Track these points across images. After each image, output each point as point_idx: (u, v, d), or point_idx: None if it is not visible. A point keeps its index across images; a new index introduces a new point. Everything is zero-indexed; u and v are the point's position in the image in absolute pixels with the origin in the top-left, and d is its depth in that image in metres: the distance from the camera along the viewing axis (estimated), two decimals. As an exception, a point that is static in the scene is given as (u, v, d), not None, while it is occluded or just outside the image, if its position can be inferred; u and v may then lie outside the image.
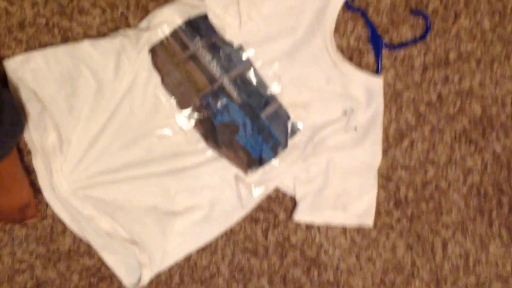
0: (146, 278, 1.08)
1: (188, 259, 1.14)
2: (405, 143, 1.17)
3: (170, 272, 1.14)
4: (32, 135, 1.05)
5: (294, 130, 1.13)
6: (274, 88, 1.12)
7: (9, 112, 0.93)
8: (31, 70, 1.05)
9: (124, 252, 1.08)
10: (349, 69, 1.13)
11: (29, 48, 1.09)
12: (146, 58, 1.08)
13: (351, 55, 1.15)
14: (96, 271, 1.13)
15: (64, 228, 1.11)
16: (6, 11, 1.08)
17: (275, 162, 1.12)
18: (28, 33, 1.09)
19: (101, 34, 1.09)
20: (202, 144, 1.11)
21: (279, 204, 1.16)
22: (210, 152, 1.11)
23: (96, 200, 1.07)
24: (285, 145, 1.12)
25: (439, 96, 1.17)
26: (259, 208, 1.15)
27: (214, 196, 1.11)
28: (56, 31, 1.09)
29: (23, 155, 1.10)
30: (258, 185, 1.12)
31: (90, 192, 1.07)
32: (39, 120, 1.04)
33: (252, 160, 1.12)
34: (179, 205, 1.10)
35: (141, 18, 1.10)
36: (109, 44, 1.07)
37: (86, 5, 1.09)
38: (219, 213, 1.12)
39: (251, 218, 1.15)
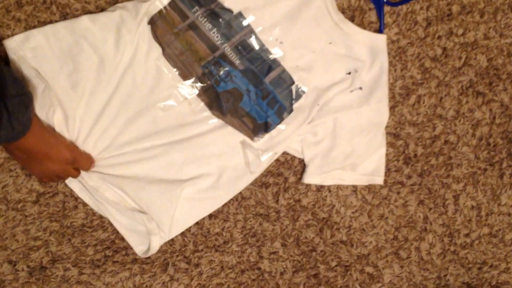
0: (156, 245, 1.10)
1: (201, 226, 1.15)
2: (412, 99, 1.16)
3: (184, 240, 1.15)
4: (38, 113, 1.05)
5: (299, 94, 1.12)
6: (276, 53, 1.11)
7: (12, 84, 0.93)
8: (31, 49, 1.05)
9: (134, 220, 1.10)
10: (351, 28, 1.12)
11: (28, 26, 1.08)
12: (146, 29, 1.07)
13: (353, 15, 1.13)
14: (110, 243, 1.14)
15: (76, 203, 1.13)
16: (3, -9, 1.07)
17: (281, 126, 1.12)
18: (26, 12, 1.08)
19: (99, 8, 1.08)
20: (207, 112, 1.11)
21: (289, 168, 1.16)
22: (215, 120, 1.11)
23: (102, 173, 1.09)
24: (290, 110, 1.12)
25: (444, 50, 1.15)
26: (269, 172, 1.16)
27: (222, 163, 1.11)
28: (54, 8, 1.08)
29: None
30: (265, 150, 1.12)
31: (97, 167, 1.08)
32: (43, 98, 1.04)
33: (257, 126, 1.11)
34: (186, 175, 1.11)
35: (139, -9, 1.08)
36: (108, 19, 1.06)
37: (83, -20, 1.09)
38: (227, 179, 1.12)
39: (262, 183, 1.16)
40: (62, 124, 1.06)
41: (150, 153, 1.09)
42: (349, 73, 1.12)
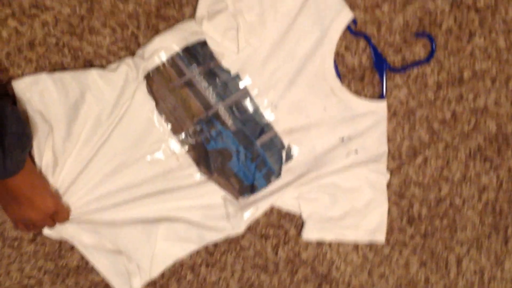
0: (137, 286, 1.10)
1: (197, 274, 1.15)
2: (419, 160, 1.16)
3: (179, 287, 1.15)
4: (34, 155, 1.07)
5: (290, 156, 1.12)
6: (270, 117, 1.11)
7: (14, 124, 0.94)
8: (39, 92, 1.06)
9: (114, 262, 1.10)
10: (347, 95, 1.12)
11: (39, 67, 1.09)
12: (142, 83, 1.08)
13: (363, 74, 1.13)
14: (105, 286, 1.13)
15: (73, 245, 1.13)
16: (16, 31, 1.08)
17: (268, 189, 1.12)
18: (38, 53, 1.09)
19: (111, 53, 1.09)
20: (194, 169, 1.11)
21: (290, 220, 1.15)
22: (201, 176, 1.11)
23: (80, 220, 1.09)
24: (279, 174, 1.12)
25: (453, 114, 1.15)
26: (269, 223, 1.15)
27: (203, 214, 1.11)
28: (66, 50, 1.09)
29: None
30: (247, 205, 1.11)
31: (75, 214, 1.09)
32: (40, 142, 1.06)
33: (244, 187, 1.11)
34: (164, 217, 1.11)
35: (151, 38, 1.09)
36: (115, 75, 1.08)
37: (96, 25, 1.09)
38: (207, 228, 1.11)
39: (261, 234, 1.15)
40: (48, 169, 1.07)
41: (132, 203, 1.09)
42: (342, 139, 1.12)
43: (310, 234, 1.14)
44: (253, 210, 1.11)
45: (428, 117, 1.15)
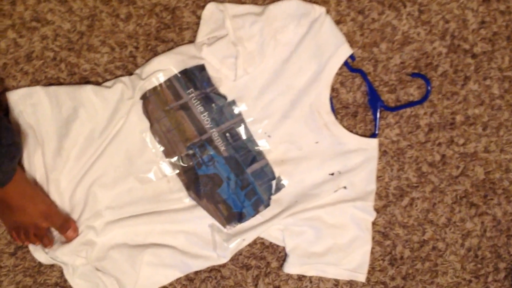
0: None
1: (176, 301, 1.14)
2: (405, 201, 1.16)
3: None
4: (25, 165, 1.07)
5: (279, 187, 1.12)
6: (262, 145, 1.12)
7: (5, 133, 0.93)
8: (32, 105, 1.06)
9: (97, 285, 1.08)
10: (340, 131, 1.12)
11: (34, 80, 1.09)
12: (138, 103, 1.08)
13: (357, 110, 1.14)
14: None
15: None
16: (15, 43, 1.08)
17: (256, 217, 1.12)
18: (35, 66, 1.09)
19: (108, 72, 1.09)
20: (183, 193, 1.10)
21: (272, 252, 1.14)
22: (190, 201, 1.11)
23: (74, 246, 1.07)
24: (268, 203, 1.12)
25: (443, 158, 1.15)
26: (252, 254, 1.14)
27: (189, 241, 1.10)
28: (63, 66, 1.09)
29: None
30: (234, 236, 1.11)
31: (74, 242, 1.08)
32: (30, 155, 1.06)
33: (232, 214, 1.11)
34: (149, 242, 1.10)
35: (149, 59, 1.09)
36: (110, 93, 1.08)
37: (95, 42, 1.10)
38: (192, 255, 1.10)
39: (243, 264, 1.14)
40: (43, 184, 1.07)
41: (119, 223, 1.08)
42: (332, 174, 1.12)
43: (292, 268, 1.13)
44: (240, 241, 1.11)
45: (418, 159, 1.15)
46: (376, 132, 1.13)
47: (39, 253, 1.07)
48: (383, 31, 1.12)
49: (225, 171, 1.10)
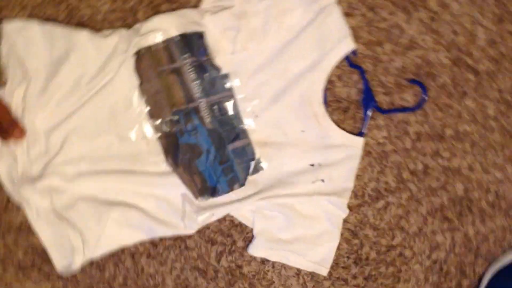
0: (77, 264, 1.07)
1: (136, 262, 1.13)
2: (380, 204, 1.15)
3: (115, 270, 1.13)
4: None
5: (257, 169, 1.11)
6: (248, 124, 1.10)
7: None
8: (25, 38, 1.03)
9: (59, 234, 1.07)
10: (329, 124, 1.10)
11: (32, 15, 1.07)
12: (131, 59, 1.06)
13: (348, 107, 1.12)
14: (42, 251, 1.11)
15: (21, 203, 1.11)
16: (19, -24, 1.06)
17: (229, 194, 1.11)
18: (36, 1, 1.06)
19: (106, 21, 1.07)
20: (161, 157, 1.09)
21: (240, 232, 1.14)
22: (166, 167, 1.09)
23: (40, 187, 1.06)
24: (243, 183, 1.10)
25: (425, 168, 1.14)
26: (219, 230, 1.14)
27: (158, 206, 1.09)
28: (63, 6, 1.07)
29: None
30: (204, 209, 1.10)
31: (41, 182, 1.06)
32: (14, 87, 1.04)
33: (206, 188, 1.09)
34: (119, 200, 1.09)
35: (150, 16, 1.07)
36: (104, 42, 1.05)
37: (99, -11, 1.07)
38: (159, 220, 1.10)
39: (209, 239, 1.14)
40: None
41: (92, 176, 1.07)
42: (312, 165, 1.11)
43: (256, 250, 1.12)
44: (209, 215, 1.10)
45: (400, 165, 1.14)
46: (364, 131, 1.12)
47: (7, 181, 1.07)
48: (390, 32, 1.10)
49: (206, 143, 1.08)
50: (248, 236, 1.14)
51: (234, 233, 1.14)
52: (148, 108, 1.07)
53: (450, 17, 1.11)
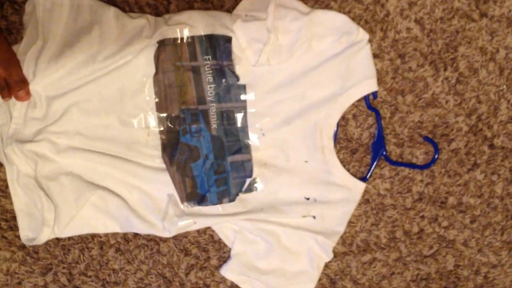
0: (44, 237, 1.02)
1: (103, 254, 1.08)
2: (366, 258, 1.10)
3: (79, 257, 1.08)
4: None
5: (251, 188, 1.07)
6: (253, 140, 1.07)
7: None
8: (52, 2, 1.01)
9: (33, 204, 1.03)
10: (334, 160, 1.07)
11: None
12: (153, 46, 1.03)
13: (357, 149, 1.09)
14: (11, 218, 1.06)
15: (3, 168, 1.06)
16: None
17: (218, 206, 1.06)
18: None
19: (137, 5, 1.04)
20: (157, 152, 1.05)
21: (218, 249, 1.09)
22: (160, 163, 1.06)
23: (28, 150, 1.02)
24: (233, 199, 1.06)
25: (420, 232, 1.10)
26: (196, 242, 1.09)
27: (142, 200, 1.05)
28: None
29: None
30: (187, 215, 1.05)
31: (29, 145, 1.02)
32: (30, 43, 1.01)
33: (194, 194, 1.05)
34: (104, 185, 1.04)
35: (182, 10, 1.05)
36: (130, 23, 1.03)
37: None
38: (138, 214, 1.05)
39: (183, 248, 1.09)
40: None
41: (83, 153, 1.03)
42: (308, 199, 1.07)
43: (229, 272, 1.08)
44: (190, 222, 1.05)
45: (395, 222, 1.10)
46: (367, 177, 1.09)
47: None
48: (415, 84, 1.08)
49: (206, 149, 1.05)
50: (224, 256, 1.09)
51: (210, 249, 1.09)
52: (157, 99, 1.04)
53: (477, 84, 1.08)
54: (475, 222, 1.11)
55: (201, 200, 1.06)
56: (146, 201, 1.05)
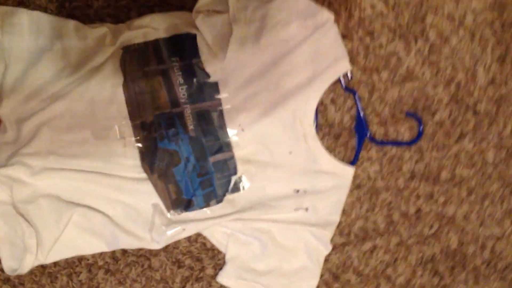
0: (28, 265, 0.97)
1: (92, 277, 1.03)
2: (366, 246, 1.06)
3: (68, 283, 1.03)
4: None
5: (237, 187, 1.02)
6: (233, 137, 1.02)
7: None
8: (11, 24, 0.99)
9: (14, 231, 0.98)
10: (318, 148, 1.03)
11: (21, 3, 1.03)
12: (118, 54, 1.00)
13: (340, 133, 1.06)
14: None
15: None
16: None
17: (206, 209, 1.02)
18: (27, -11, 1.04)
19: (98, 17, 1.03)
20: (136, 161, 1.00)
21: (211, 257, 1.05)
22: (141, 173, 1.01)
23: (2, 176, 0.98)
24: (220, 200, 1.02)
25: (418, 211, 1.06)
26: (189, 252, 1.04)
27: (126, 214, 1.00)
28: (54, -4, 1.05)
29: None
30: (175, 222, 1.01)
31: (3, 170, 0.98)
32: None
33: (180, 200, 1.01)
34: (85, 203, 1.00)
35: (144, 15, 1.03)
36: (92, 33, 1.01)
37: (95, -17, 1.05)
38: (124, 230, 1.00)
39: (176, 260, 1.04)
40: None
41: (59, 172, 0.98)
42: (297, 191, 1.02)
43: (226, 279, 1.03)
44: (179, 230, 1.01)
45: (391, 204, 1.06)
46: (355, 161, 1.06)
47: None
48: (388, 60, 1.05)
49: (186, 151, 1.01)
50: (219, 263, 1.04)
51: (204, 258, 1.04)
52: (129, 108, 1.00)
53: (450, 52, 1.06)
54: (472, 194, 1.07)
55: (187, 205, 1.01)
56: (131, 214, 1.00)
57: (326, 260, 1.05)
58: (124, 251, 1.04)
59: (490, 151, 1.07)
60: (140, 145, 1.00)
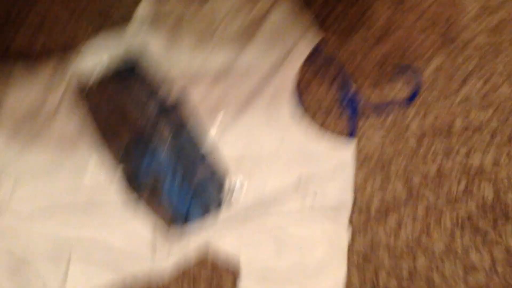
0: None
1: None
2: (392, 219, 0.97)
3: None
4: None
5: (235, 188, 0.97)
6: (217, 138, 0.96)
7: None
8: None
9: (20, 281, 0.96)
10: (309, 128, 0.96)
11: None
12: (72, 87, 0.97)
13: (331, 108, 0.97)
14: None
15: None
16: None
17: (205, 218, 0.96)
18: None
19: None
20: (123, 186, 0.97)
21: (226, 275, 0.98)
22: (130, 196, 0.97)
23: None
24: (219, 205, 0.96)
25: (440, 169, 0.96)
26: (202, 264, 0.99)
27: (126, 237, 0.96)
28: None
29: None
30: (179, 237, 0.96)
31: None
32: None
33: (177, 214, 0.96)
34: (83, 235, 0.97)
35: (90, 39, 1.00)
36: (41, 72, 0.98)
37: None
38: (129, 252, 0.97)
39: (190, 274, 0.99)
40: None
41: (50, 211, 0.96)
42: (300, 178, 0.95)
43: (247, 284, 0.97)
44: (184, 244, 0.96)
45: (408, 168, 0.96)
46: (353, 132, 0.97)
47: None
48: (361, 17, 0.96)
49: (171, 163, 0.96)
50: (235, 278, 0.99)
51: (221, 269, 0.99)
52: (101, 133, 0.97)
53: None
54: (497, 135, 0.96)
55: (186, 218, 0.97)
56: (130, 237, 0.97)
57: (351, 242, 0.97)
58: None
59: (505, 84, 0.95)
60: (122, 168, 0.97)
